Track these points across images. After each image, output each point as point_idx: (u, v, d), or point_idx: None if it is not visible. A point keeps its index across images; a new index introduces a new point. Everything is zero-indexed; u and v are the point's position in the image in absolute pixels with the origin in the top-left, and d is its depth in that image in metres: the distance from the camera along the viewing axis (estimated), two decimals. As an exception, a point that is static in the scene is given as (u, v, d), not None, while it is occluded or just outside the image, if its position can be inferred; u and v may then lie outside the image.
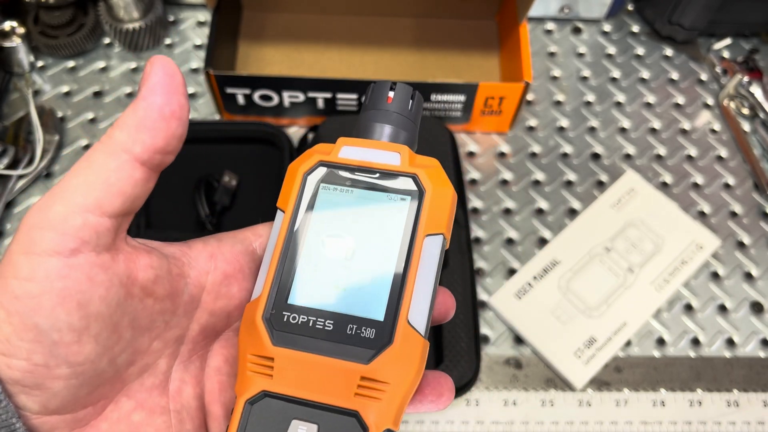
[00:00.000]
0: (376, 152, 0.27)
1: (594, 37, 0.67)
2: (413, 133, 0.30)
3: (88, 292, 0.22)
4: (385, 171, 0.27)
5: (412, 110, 0.30)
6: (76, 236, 0.22)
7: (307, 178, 0.27)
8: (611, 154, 0.60)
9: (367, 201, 0.27)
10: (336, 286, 0.25)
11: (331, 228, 0.26)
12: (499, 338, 0.52)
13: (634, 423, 0.49)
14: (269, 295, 0.25)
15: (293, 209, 0.27)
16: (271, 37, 0.63)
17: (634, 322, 0.51)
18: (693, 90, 0.64)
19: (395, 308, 0.25)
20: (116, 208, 0.23)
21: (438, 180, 0.27)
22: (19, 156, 0.55)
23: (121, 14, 0.60)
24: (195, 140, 0.56)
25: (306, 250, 0.26)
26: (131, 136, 0.23)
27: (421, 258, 0.25)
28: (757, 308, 0.53)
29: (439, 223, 0.26)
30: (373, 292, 0.25)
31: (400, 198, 0.26)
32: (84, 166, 0.23)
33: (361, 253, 0.26)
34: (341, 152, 0.27)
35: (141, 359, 0.25)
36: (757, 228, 0.57)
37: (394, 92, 0.29)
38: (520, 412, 0.49)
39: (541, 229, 0.56)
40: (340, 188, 0.27)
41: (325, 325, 0.25)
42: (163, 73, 0.23)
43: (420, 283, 0.25)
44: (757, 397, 0.50)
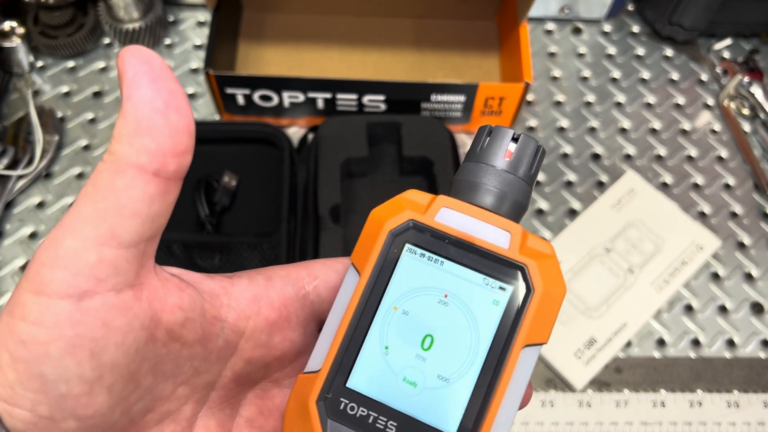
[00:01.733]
0: (481, 225, 0.23)
1: (594, 38, 0.67)
2: (527, 200, 0.24)
3: (102, 339, 0.19)
4: (487, 252, 0.22)
5: (533, 172, 0.24)
6: (90, 275, 0.19)
7: (394, 238, 0.23)
8: (611, 154, 0.60)
9: (458, 280, 0.22)
10: (406, 379, 0.22)
11: (409, 305, 0.22)
12: (499, 339, 0.52)
13: (634, 424, 0.48)
14: (329, 373, 0.22)
15: (371, 273, 0.22)
16: (271, 37, 0.63)
17: (634, 323, 0.51)
18: (693, 90, 0.64)
19: (472, 428, 0.21)
20: (133, 234, 0.20)
21: (550, 276, 0.22)
22: (18, 156, 0.55)
23: (121, 14, 0.60)
24: (195, 140, 0.56)
25: (376, 324, 0.22)
26: (131, 145, 0.19)
27: (515, 371, 0.21)
28: (758, 309, 0.53)
29: (543, 330, 0.22)
30: (448, 398, 0.21)
31: (499, 286, 0.22)
32: (91, 192, 0.20)
33: (442, 346, 0.22)
34: (439, 215, 0.23)
35: (161, 406, 0.22)
36: (757, 228, 0.57)
37: (517, 146, 0.24)
38: (519, 412, 0.49)
39: (541, 229, 0.56)
40: (428, 256, 0.22)
41: (387, 426, 0.21)
42: (138, 62, 0.20)
43: (506, 402, 0.21)
44: (757, 397, 0.50)
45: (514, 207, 0.23)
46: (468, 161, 0.24)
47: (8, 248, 0.54)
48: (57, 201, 0.56)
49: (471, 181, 0.24)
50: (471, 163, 0.24)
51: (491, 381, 0.21)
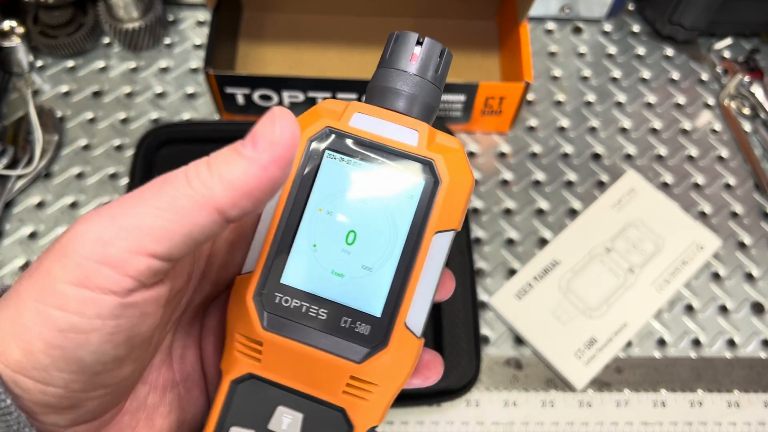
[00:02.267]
0: (391, 126, 0.24)
1: (594, 37, 0.67)
2: (437, 101, 0.26)
3: (138, 326, 0.21)
4: (398, 151, 0.24)
5: (439, 73, 0.26)
6: (136, 278, 0.20)
7: (311, 143, 0.24)
8: (612, 154, 0.60)
9: (376, 179, 0.24)
10: (334, 272, 0.24)
11: (334, 205, 0.24)
12: (500, 339, 0.52)
13: (635, 424, 0.48)
14: (262, 272, 0.24)
15: (294, 179, 0.24)
16: (270, 37, 0.63)
17: (634, 323, 0.51)
18: (694, 90, 0.64)
19: (394, 307, 0.23)
20: (184, 255, 0.21)
21: (457, 168, 0.24)
22: (18, 156, 0.55)
23: (121, 14, 0.60)
24: (194, 140, 0.56)
25: (305, 226, 0.24)
26: (231, 198, 0.20)
27: (428, 256, 0.24)
28: (758, 309, 0.53)
29: (452, 218, 0.24)
30: (373, 285, 0.24)
31: (413, 183, 0.24)
32: (165, 207, 0.20)
33: (364, 239, 0.24)
34: (352, 120, 0.24)
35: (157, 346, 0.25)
36: (757, 228, 0.57)
37: (422, 50, 0.25)
38: (520, 412, 0.49)
39: (541, 229, 0.56)
40: (347, 159, 0.24)
41: (318, 313, 0.23)
42: (290, 141, 0.20)
43: (423, 283, 0.24)
44: (757, 397, 0.50)
45: (423, 108, 0.25)
46: (379, 68, 0.26)
47: (8, 248, 0.54)
48: (57, 201, 0.56)
49: (381, 86, 0.25)
50: (381, 69, 0.26)
51: (408, 266, 0.24)
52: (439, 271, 0.24)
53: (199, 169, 0.21)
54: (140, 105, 0.61)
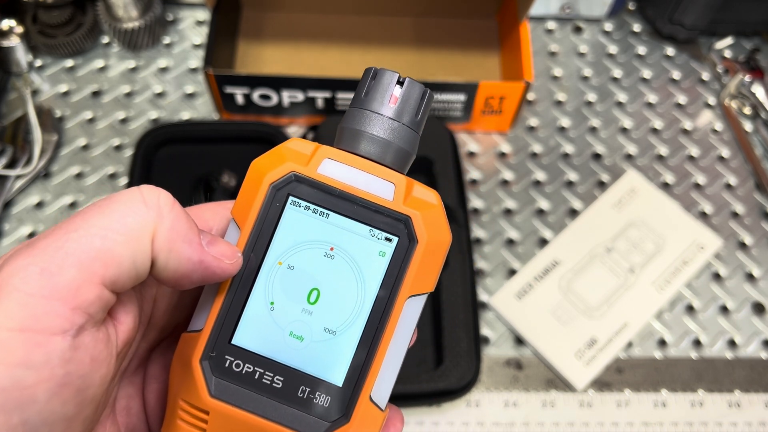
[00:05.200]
0: (365, 176, 0.22)
1: (595, 37, 0.66)
2: (414, 148, 0.23)
3: (89, 375, 0.18)
4: (374, 205, 0.22)
5: (419, 118, 0.23)
6: (86, 311, 0.18)
7: (276, 192, 0.22)
8: (612, 153, 0.60)
9: (344, 233, 0.22)
10: (292, 334, 0.21)
11: (294, 259, 0.22)
12: (500, 339, 0.51)
13: (636, 424, 0.48)
14: (212, 332, 0.21)
15: (253, 228, 0.22)
16: (270, 36, 0.63)
17: (635, 323, 0.51)
18: (694, 89, 0.64)
19: (358, 377, 0.21)
20: (126, 288, 0.19)
21: (435, 226, 0.22)
22: (17, 156, 0.55)
23: (120, 13, 0.60)
24: (194, 140, 0.55)
25: (262, 280, 0.22)
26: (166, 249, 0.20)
27: (399, 322, 0.21)
28: (759, 309, 0.53)
29: (427, 280, 0.22)
30: (336, 351, 0.21)
31: (385, 237, 0.22)
32: (114, 229, 0.19)
33: (329, 299, 0.22)
34: (322, 166, 0.22)
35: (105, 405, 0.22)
36: (758, 228, 0.57)
37: (402, 90, 0.23)
38: (520, 413, 0.48)
39: (541, 229, 0.56)
40: (313, 209, 0.22)
41: (273, 381, 0.21)
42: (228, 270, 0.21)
43: (391, 352, 0.21)
44: (758, 398, 0.50)
45: (400, 156, 0.23)
46: (352, 107, 0.23)
47: (7, 248, 0.53)
48: (56, 201, 0.56)
49: (354, 129, 0.23)
50: (355, 109, 0.23)
51: (376, 331, 0.21)
52: (409, 337, 0.22)
53: (161, 197, 0.21)
54: (139, 105, 0.60)
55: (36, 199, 0.56)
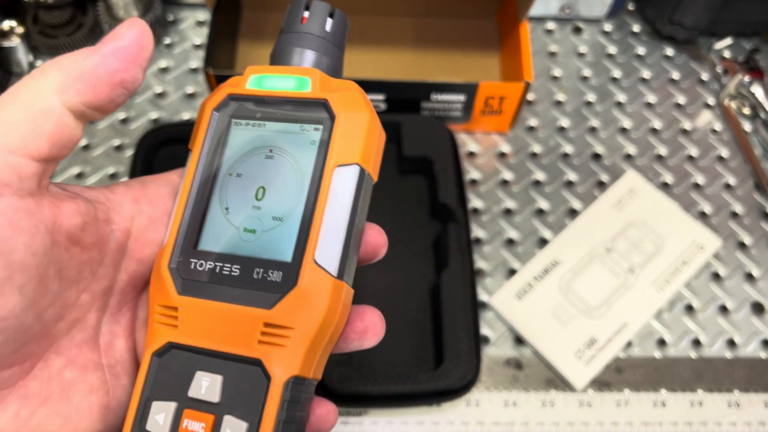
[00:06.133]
0: (286, 79, 0.25)
1: (595, 37, 0.66)
2: (334, 58, 0.27)
3: (11, 239, 0.20)
4: (295, 99, 0.25)
5: (331, 30, 0.27)
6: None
7: (216, 114, 0.25)
8: (612, 154, 0.60)
9: (279, 135, 0.25)
10: (246, 229, 0.24)
11: (241, 167, 0.25)
12: (500, 339, 0.51)
13: (635, 424, 0.48)
14: (176, 242, 0.24)
15: (201, 148, 0.25)
16: (270, 37, 0.63)
17: (634, 323, 0.51)
18: (694, 90, 0.64)
19: (302, 248, 0.23)
20: (43, 152, 0.21)
21: (352, 104, 0.25)
22: (18, 156, 0.55)
23: (121, 14, 0.60)
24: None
25: (216, 192, 0.25)
26: (69, 82, 0.21)
27: (330, 191, 0.23)
28: (758, 309, 0.53)
29: (351, 152, 0.24)
30: (282, 234, 0.24)
31: (314, 128, 0.24)
32: (9, 102, 0.21)
33: (273, 192, 0.24)
34: (249, 82, 0.25)
35: (69, 313, 0.24)
36: (758, 228, 0.57)
37: (309, 11, 0.27)
38: (520, 412, 0.49)
39: (541, 229, 0.56)
40: (251, 123, 0.25)
41: (231, 271, 0.23)
42: (136, 39, 0.22)
43: (329, 219, 0.23)
44: (758, 397, 0.50)
45: (317, 60, 0.26)
46: (278, 36, 0.27)
47: (7, 248, 0.54)
48: (56, 201, 0.56)
49: (277, 49, 0.27)
50: (279, 36, 0.27)
51: (313, 205, 0.23)
52: (348, 207, 0.24)
53: (44, 64, 0.22)
54: (140, 105, 0.61)
55: None
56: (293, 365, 0.22)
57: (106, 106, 0.22)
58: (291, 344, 0.22)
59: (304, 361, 0.23)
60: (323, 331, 0.23)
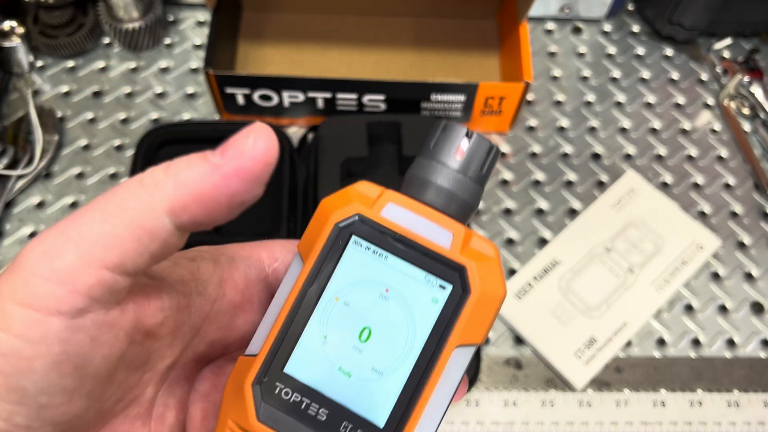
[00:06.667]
0: (425, 222, 0.23)
1: (594, 37, 0.67)
2: (476, 201, 0.24)
3: (89, 354, 0.19)
4: (429, 251, 0.22)
5: (485, 172, 0.24)
6: (86, 295, 0.18)
7: (340, 230, 0.23)
8: (611, 154, 0.60)
9: (400, 275, 0.22)
10: (341, 369, 0.22)
11: (351, 296, 0.23)
12: (500, 338, 0.52)
13: (635, 423, 0.48)
14: (266, 357, 0.22)
15: (315, 262, 0.23)
16: (271, 37, 0.63)
17: (634, 323, 0.51)
18: (693, 90, 0.64)
19: (399, 420, 0.21)
20: (140, 268, 0.19)
21: (490, 278, 0.22)
22: (18, 156, 0.55)
23: (121, 14, 0.60)
24: (195, 140, 0.56)
25: (318, 313, 0.23)
26: (183, 203, 0.19)
27: (445, 370, 0.22)
28: (758, 308, 0.53)
29: (477, 332, 0.22)
30: (381, 391, 0.22)
31: (440, 285, 0.22)
32: (113, 213, 0.19)
33: (379, 338, 0.22)
34: (385, 210, 0.23)
35: (130, 394, 0.22)
36: (757, 228, 0.57)
37: (470, 144, 0.24)
38: (520, 412, 0.49)
39: (541, 229, 0.56)
40: (373, 249, 0.23)
41: (318, 413, 0.22)
42: (262, 156, 0.20)
43: (435, 399, 0.22)
44: (757, 397, 0.50)
45: (461, 207, 0.24)
46: (420, 157, 0.24)
47: (8, 248, 0.54)
48: (57, 201, 0.56)
49: (420, 177, 0.24)
50: (423, 158, 0.24)
51: (422, 377, 0.22)
52: (455, 386, 0.22)
53: (155, 171, 0.20)
54: (140, 105, 0.61)
55: (37, 200, 0.56)
56: None
57: (217, 224, 0.21)
58: None
59: None
60: None
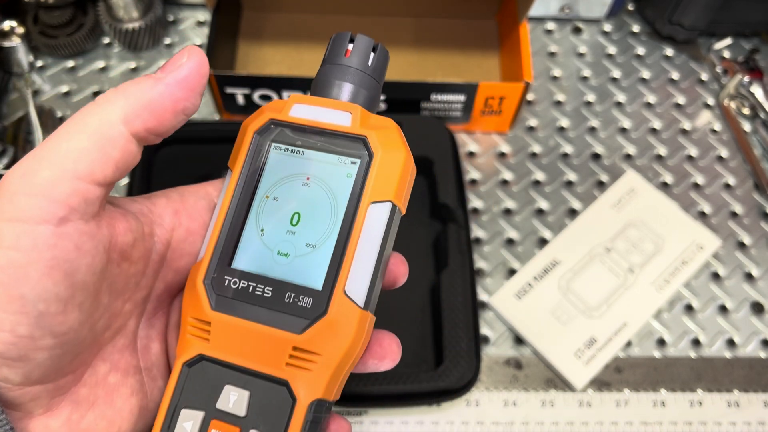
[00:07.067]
0: (327, 111, 0.26)
1: (594, 37, 0.67)
2: (373, 91, 0.28)
3: (75, 261, 0.21)
4: (334, 132, 0.26)
5: (373, 64, 0.28)
6: (65, 203, 0.21)
7: (258, 137, 0.26)
8: (611, 154, 0.60)
9: (317, 163, 0.26)
10: (279, 252, 0.25)
11: (278, 191, 0.26)
12: (500, 339, 0.52)
13: (635, 423, 0.48)
14: (212, 257, 0.25)
15: (241, 169, 0.26)
16: (271, 36, 0.63)
17: (634, 323, 0.51)
18: (693, 90, 0.64)
19: (333, 280, 0.24)
20: (108, 177, 0.22)
21: (390, 142, 0.26)
22: (18, 156, 0.55)
23: (121, 14, 0.60)
24: (195, 140, 0.56)
25: (252, 213, 0.26)
26: (136, 111, 0.22)
27: (364, 226, 0.25)
28: (758, 309, 0.53)
29: (386, 189, 0.25)
30: (315, 261, 0.25)
31: (350, 161, 0.26)
32: (76, 130, 0.22)
33: (308, 219, 0.25)
34: (292, 110, 0.26)
35: (115, 322, 0.25)
36: (757, 228, 0.57)
37: (353, 45, 0.27)
38: (520, 412, 0.49)
39: (541, 229, 0.56)
40: (290, 149, 0.26)
41: (264, 292, 0.25)
42: (196, 68, 0.24)
43: (360, 253, 0.25)
44: (757, 397, 0.50)
45: (358, 94, 0.27)
46: (321, 66, 0.28)
47: (8, 248, 0.54)
48: (57, 201, 0.56)
49: (319, 79, 0.28)
50: (322, 66, 0.28)
51: (345, 238, 0.25)
52: (378, 242, 0.25)
53: (107, 92, 0.23)
54: (140, 105, 0.61)
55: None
56: (318, 388, 0.24)
57: (167, 132, 0.24)
58: (317, 369, 0.24)
59: (328, 385, 0.24)
60: (347, 358, 0.25)
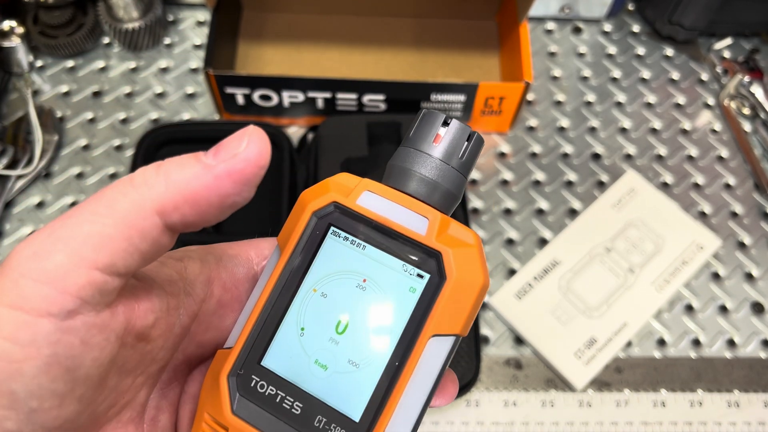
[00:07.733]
0: (401, 210, 0.22)
1: (594, 37, 0.67)
2: (458, 189, 0.23)
3: (79, 357, 0.19)
4: (406, 238, 0.22)
5: (464, 158, 0.23)
6: (77, 296, 0.18)
7: (316, 219, 0.23)
8: (612, 154, 0.60)
9: (377, 265, 0.22)
10: (318, 362, 0.22)
11: (328, 287, 0.22)
12: (500, 339, 0.52)
13: (635, 423, 0.48)
14: (242, 350, 0.22)
15: (292, 251, 0.22)
16: (270, 37, 0.63)
17: (634, 323, 0.51)
18: (693, 90, 0.64)
19: (374, 415, 0.21)
20: (131, 268, 0.19)
21: (467, 265, 0.21)
22: (18, 156, 0.55)
23: (121, 14, 0.60)
24: (194, 140, 0.56)
25: (294, 305, 0.22)
26: (176, 202, 0.19)
27: (421, 361, 0.21)
28: (758, 309, 0.53)
29: (454, 321, 0.21)
30: (357, 384, 0.21)
31: (417, 274, 0.22)
32: (103, 212, 0.19)
33: (355, 330, 0.22)
34: (361, 198, 0.22)
35: (122, 398, 0.22)
36: (757, 228, 0.57)
37: (446, 130, 0.23)
38: (520, 412, 0.49)
39: (541, 229, 0.56)
40: (351, 239, 0.22)
41: (293, 406, 0.21)
42: (255, 159, 0.19)
43: (411, 390, 0.21)
44: (757, 397, 0.50)
45: (441, 195, 0.23)
46: (400, 146, 0.24)
47: (8, 248, 0.54)
48: (56, 201, 0.56)
49: (398, 165, 0.23)
50: (402, 147, 0.24)
51: (398, 369, 0.21)
52: (434, 378, 0.22)
53: (146, 170, 0.19)
54: (140, 105, 0.61)
55: (37, 200, 0.56)
56: None
57: (209, 224, 0.20)
58: None
59: None
60: None
